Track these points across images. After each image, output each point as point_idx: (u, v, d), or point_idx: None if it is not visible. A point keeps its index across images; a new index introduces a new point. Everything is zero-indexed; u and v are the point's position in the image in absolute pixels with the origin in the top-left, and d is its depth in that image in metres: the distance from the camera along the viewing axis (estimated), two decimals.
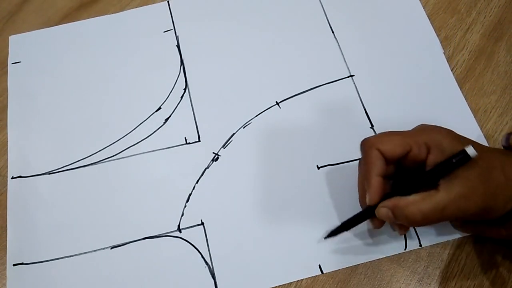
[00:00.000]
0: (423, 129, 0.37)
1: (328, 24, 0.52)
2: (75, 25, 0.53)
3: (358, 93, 0.48)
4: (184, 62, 0.50)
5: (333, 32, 0.51)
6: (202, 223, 0.43)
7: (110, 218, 0.43)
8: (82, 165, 0.46)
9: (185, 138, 0.46)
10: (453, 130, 0.37)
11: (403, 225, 0.38)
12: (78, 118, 0.48)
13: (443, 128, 0.37)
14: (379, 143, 0.36)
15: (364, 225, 0.41)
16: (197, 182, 0.44)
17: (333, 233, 0.40)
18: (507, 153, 0.37)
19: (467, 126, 0.45)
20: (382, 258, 0.40)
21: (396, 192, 0.36)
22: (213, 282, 0.40)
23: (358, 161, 0.44)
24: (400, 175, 0.37)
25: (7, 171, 0.46)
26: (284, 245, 0.41)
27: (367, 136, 0.38)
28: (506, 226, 0.37)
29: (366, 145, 0.37)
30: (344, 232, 0.40)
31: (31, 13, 0.54)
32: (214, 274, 0.41)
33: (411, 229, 0.41)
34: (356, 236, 0.41)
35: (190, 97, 0.48)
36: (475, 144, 0.35)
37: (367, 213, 0.38)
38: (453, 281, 0.40)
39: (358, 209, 0.40)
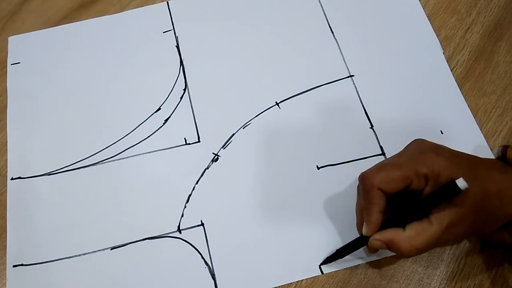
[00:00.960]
0: (422, 154, 0.36)
1: (327, 24, 0.51)
2: (75, 26, 0.53)
3: (358, 93, 0.48)
4: (184, 62, 0.50)
5: (332, 32, 0.51)
6: (202, 224, 0.43)
7: (110, 219, 0.43)
8: (81, 166, 0.46)
9: (184, 138, 0.46)
10: (453, 131, 0.36)
11: None
12: (77, 118, 0.48)
13: (444, 151, 0.36)
14: (381, 183, 0.35)
15: None
16: (197, 183, 0.44)
17: (328, 260, 0.40)
18: (506, 171, 0.36)
19: (467, 126, 0.45)
20: (382, 258, 0.41)
21: (390, 222, 0.36)
22: (213, 283, 0.40)
23: (357, 161, 0.44)
24: (393, 199, 0.37)
25: (6, 171, 0.46)
26: (284, 246, 0.41)
27: (366, 171, 0.36)
28: (509, 229, 0.37)
29: (366, 184, 0.36)
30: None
31: (31, 13, 0.54)
32: (214, 274, 0.41)
33: None
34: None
35: (189, 97, 0.48)
36: (474, 169, 0.35)
37: (362, 241, 0.38)
38: (453, 281, 0.40)
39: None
